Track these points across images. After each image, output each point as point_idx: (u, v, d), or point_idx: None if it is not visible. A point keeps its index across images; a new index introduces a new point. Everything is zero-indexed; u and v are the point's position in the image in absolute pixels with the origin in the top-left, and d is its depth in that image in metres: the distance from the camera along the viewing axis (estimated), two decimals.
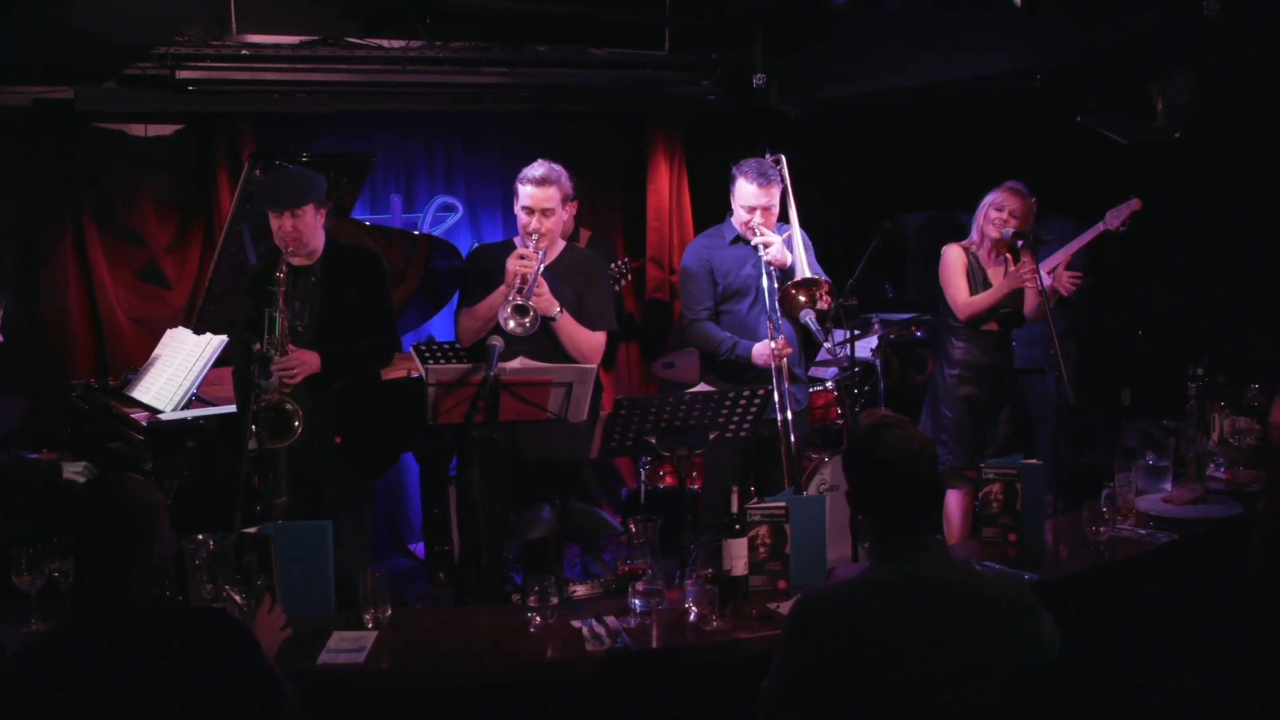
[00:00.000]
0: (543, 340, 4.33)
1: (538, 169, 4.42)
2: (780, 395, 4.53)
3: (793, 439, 4.56)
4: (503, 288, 4.29)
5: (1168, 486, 4.29)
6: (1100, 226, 5.69)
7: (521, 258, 4.28)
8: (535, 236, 4.37)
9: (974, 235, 5.22)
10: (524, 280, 4.24)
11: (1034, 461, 3.87)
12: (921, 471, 2.52)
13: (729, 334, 4.78)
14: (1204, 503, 4.16)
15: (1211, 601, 3.80)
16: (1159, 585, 3.82)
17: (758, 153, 4.86)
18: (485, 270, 4.49)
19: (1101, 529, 3.77)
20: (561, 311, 4.34)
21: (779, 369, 4.56)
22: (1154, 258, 6.53)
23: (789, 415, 4.54)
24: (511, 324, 4.08)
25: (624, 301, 6.46)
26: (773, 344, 4.57)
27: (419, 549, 6.39)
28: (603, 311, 4.57)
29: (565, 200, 4.47)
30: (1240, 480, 4.45)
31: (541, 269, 4.31)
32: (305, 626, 3.09)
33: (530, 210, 4.40)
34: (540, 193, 4.39)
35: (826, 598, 2.51)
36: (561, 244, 4.56)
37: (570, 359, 4.35)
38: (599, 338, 4.52)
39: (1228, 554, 3.82)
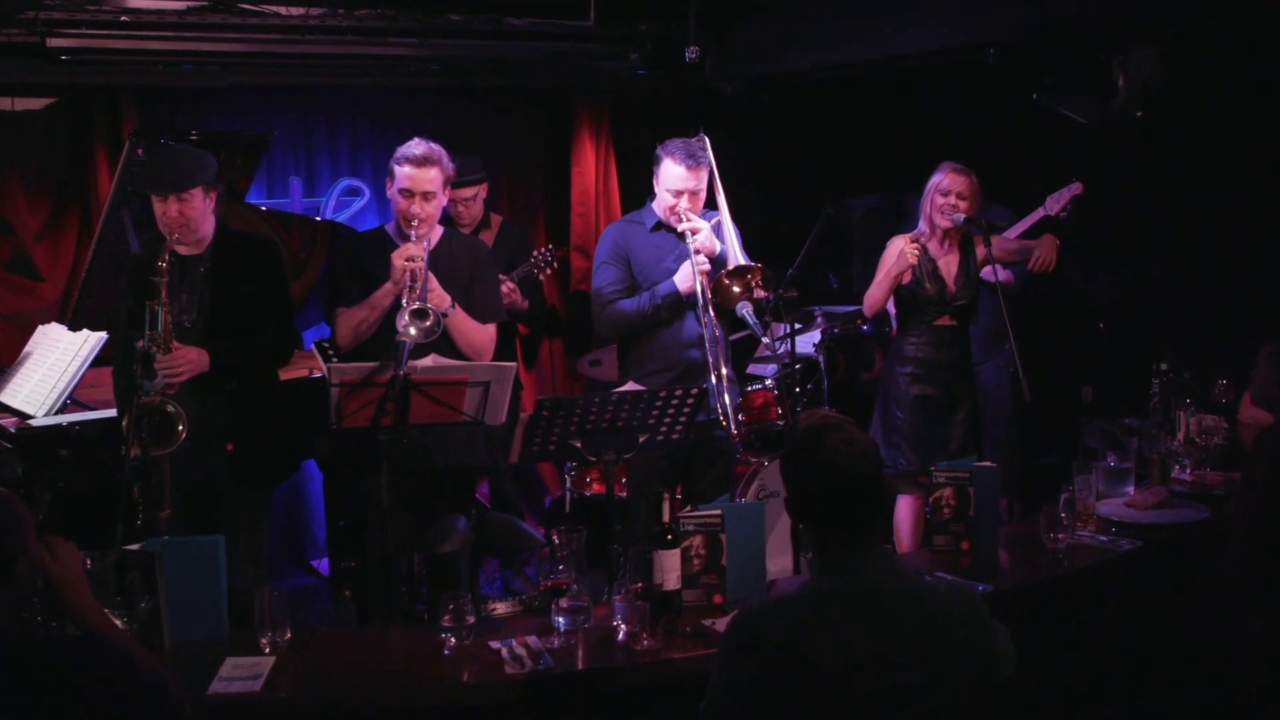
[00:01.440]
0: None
1: (416, 147, 4.34)
2: (718, 381, 4.51)
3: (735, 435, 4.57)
4: (388, 286, 4.21)
5: (1130, 490, 4.36)
6: (1039, 212, 5.77)
7: (410, 258, 4.17)
8: (415, 223, 4.29)
9: (922, 225, 5.28)
10: (414, 278, 4.16)
11: (988, 464, 3.92)
12: (865, 475, 2.53)
13: (641, 292, 4.73)
14: (1169, 507, 4.22)
15: (1178, 614, 3.86)
16: (1121, 596, 3.89)
17: (691, 132, 4.86)
18: (362, 264, 4.40)
19: (1060, 536, 3.81)
20: (454, 306, 4.30)
21: (717, 371, 4.56)
22: (1116, 246, 6.64)
23: (728, 404, 4.51)
24: (413, 331, 4.01)
25: (545, 294, 6.44)
26: (695, 258, 4.53)
27: (323, 565, 6.34)
28: (492, 302, 4.55)
29: (447, 183, 4.41)
30: (1208, 483, 4.53)
31: (428, 260, 4.24)
32: (195, 652, 3.04)
33: (409, 194, 4.30)
34: (420, 174, 4.31)
35: (766, 613, 2.52)
36: (439, 231, 4.52)
37: (462, 355, 4.31)
38: (490, 332, 4.49)
39: (1195, 562, 3.90)
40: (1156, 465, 4.52)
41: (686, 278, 4.60)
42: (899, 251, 5.15)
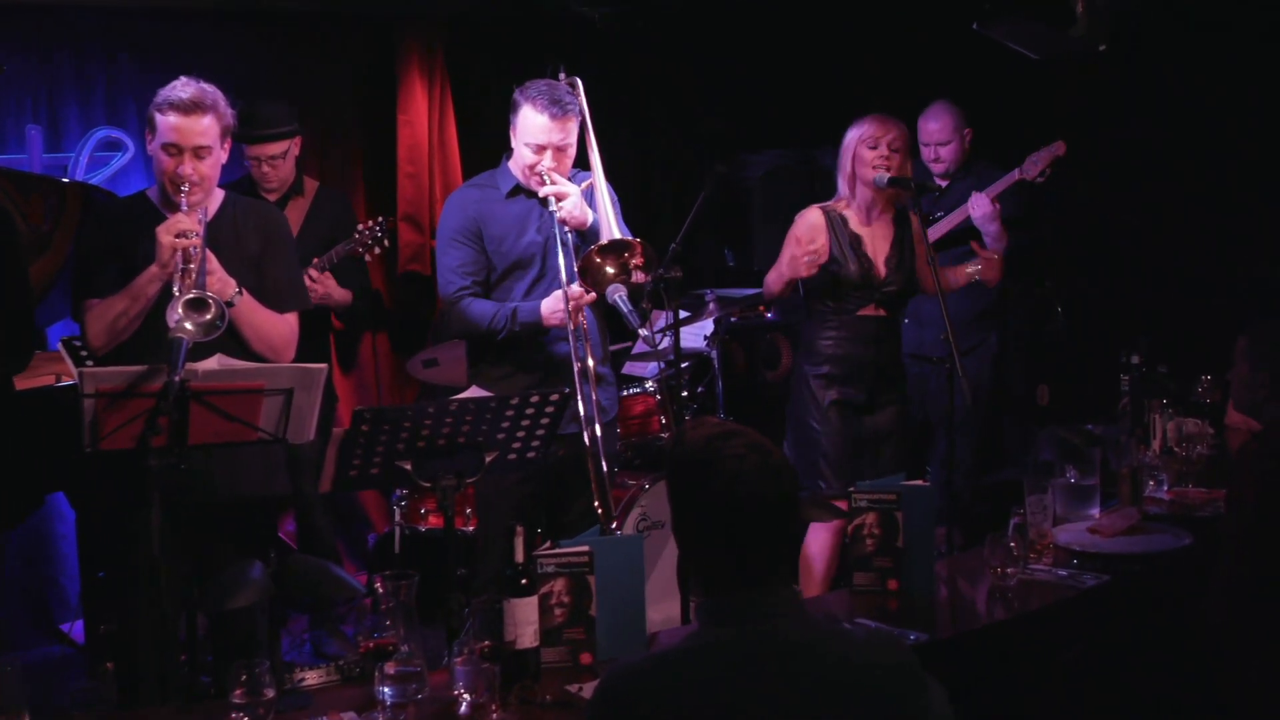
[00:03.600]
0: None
1: (183, 89, 4.26)
2: (583, 399, 4.55)
3: (603, 459, 4.58)
4: (153, 270, 4.13)
5: (1095, 512, 4.46)
6: (1015, 175, 5.91)
7: (180, 233, 4.08)
8: (185, 188, 4.22)
9: (843, 189, 5.32)
10: (188, 259, 4.08)
11: (920, 483, 3.98)
12: (779, 495, 2.54)
13: (503, 304, 4.78)
14: (1142, 533, 4.33)
15: (1154, 667, 3.95)
16: (1085, 644, 3.95)
17: (549, 73, 4.87)
18: (120, 240, 4.30)
19: (1009, 570, 3.86)
20: (240, 292, 4.24)
21: (581, 369, 4.57)
22: (1075, 212, 6.78)
23: (596, 427, 4.56)
24: (189, 326, 3.93)
25: (369, 276, 6.40)
26: (570, 289, 4.58)
27: (76, 630, 6.20)
28: (290, 285, 4.51)
29: (226, 134, 4.35)
30: (1190, 501, 4.65)
31: (205, 234, 4.17)
32: None
33: (175, 150, 4.23)
34: (189, 124, 4.23)
35: (644, 674, 2.51)
36: (220, 196, 4.45)
37: (255, 356, 4.26)
38: (291, 323, 4.45)
39: (1175, 601, 3.99)
40: (1126, 481, 4.62)
41: (555, 308, 4.65)
42: (800, 249, 5.17)
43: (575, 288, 4.60)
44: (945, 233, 6.04)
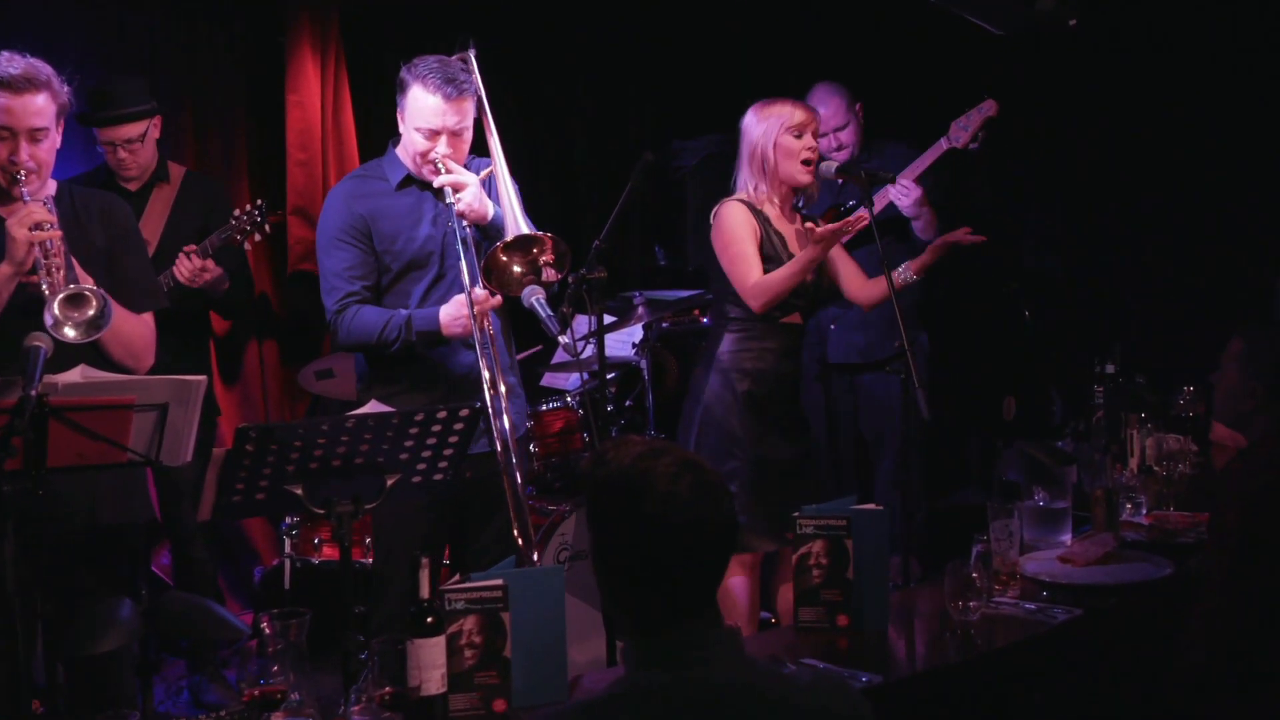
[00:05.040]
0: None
1: (11, 64, 4.21)
2: (495, 414, 4.57)
3: (518, 479, 4.60)
4: (3, 269, 4.14)
5: (1067, 539, 4.54)
6: (943, 144, 5.96)
7: (36, 224, 4.08)
8: (21, 175, 4.21)
9: (753, 183, 5.32)
10: (47, 253, 4.08)
11: (872, 507, 4.02)
12: (713, 520, 2.55)
13: (395, 311, 4.77)
14: (1119, 561, 4.39)
15: (1129, 708, 4.02)
16: (1054, 686, 4.02)
17: (458, 46, 4.89)
18: None
19: (971, 605, 3.89)
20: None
21: (495, 384, 4.59)
22: (1043, 204, 6.88)
23: (509, 442, 4.58)
24: (70, 331, 3.96)
25: (251, 276, 6.40)
26: (474, 292, 4.57)
27: None
28: (145, 280, 4.51)
29: (62, 113, 4.33)
30: (1171, 526, 4.73)
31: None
32: None
33: (7, 132, 4.21)
34: (20, 103, 4.19)
35: None
36: (53, 185, 4.42)
37: (113, 364, 4.26)
38: (149, 323, 4.45)
39: (1153, 638, 4.04)
40: (1101, 504, 4.67)
41: (457, 319, 4.65)
42: (809, 227, 5.21)
43: (479, 290, 4.60)
44: (857, 231, 6.04)
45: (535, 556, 4.66)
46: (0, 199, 4.27)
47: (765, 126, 5.27)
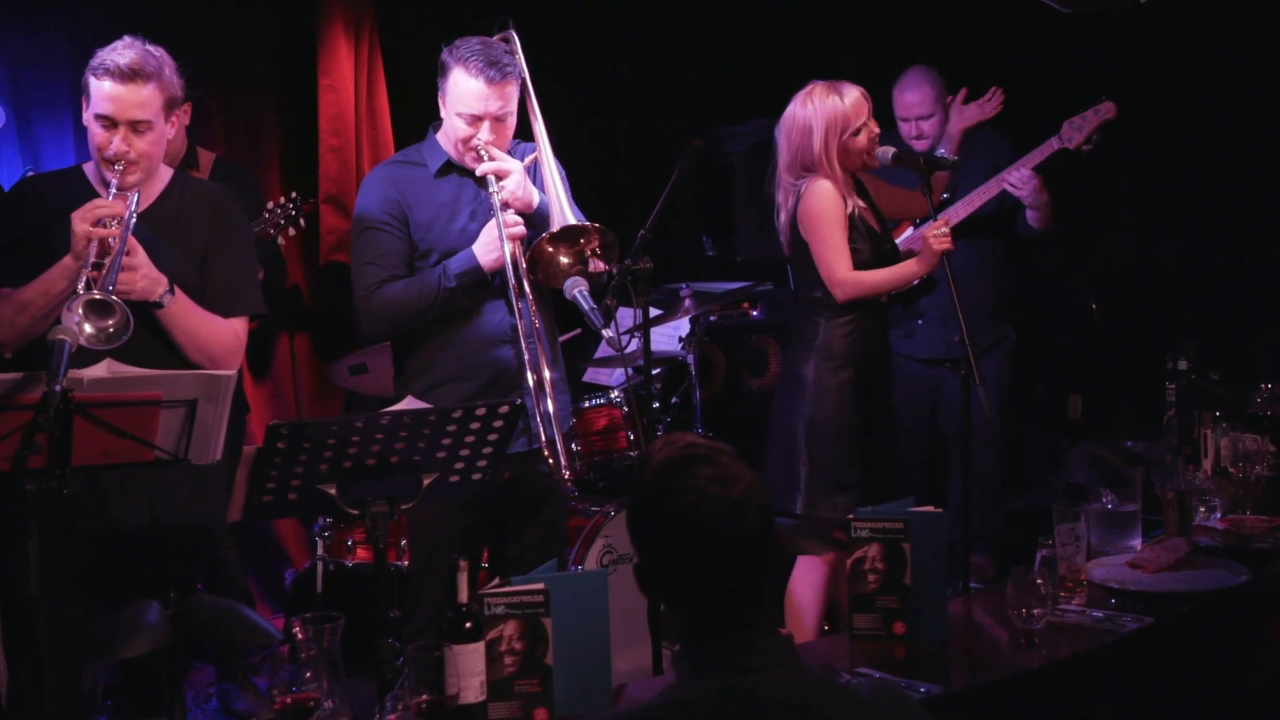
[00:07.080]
0: (143, 335, 4.21)
1: (124, 53, 4.26)
2: (540, 393, 4.55)
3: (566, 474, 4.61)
4: (66, 261, 4.12)
5: (1136, 544, 4.48)
6: (1053, 144, 5.93)
7: (99, 220, 4.08)
8: (119, 166, 4.23)
9: (822, 164, 5.28)
10: (103, 251, 4.08)
11: (930, 509, 3.97)
12: (746, 530, 2.53)
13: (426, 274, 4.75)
14: (1192, 567, 4.33)
15: None
16: (1124, 697, 3.96)
17: (496, 28, 4.86)
18: (38, 221, 4.31)
19: (1036, 611, 3.84)
20: (172, 291, 4.23)
21: (537, 381, 4.56)
22: (1113, 194, 6.81)
23: (555, 426, 4.55)
24: (89, 329, 3.94)
25: (287, 267, 6.38)
26: (504, 216, 4.57)
27: None
28: (239, 284, 4.50)
29: (170, 106, 4.35)
30: (1247, 531, 4.66)
31: (133, 224, 4.17)
32: None
33: (109, 123, 4.24)
34: (126, 93, 4.23)
35: None
36: (166, 175, 4.46)
37: (190, 364, 4.25)
38: (236, 330, 4.45)
39: (1228, 647, 3.99)
40: (1173, 507, 4.63)
41: (491, 246, 4.63)
42: (920, 233, 5.21)
43: (511, 214, 4.60)
44: (963, 218, 6.04)
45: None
46: (104, 185, 4.27)
47: (830, 112, 5.23)
